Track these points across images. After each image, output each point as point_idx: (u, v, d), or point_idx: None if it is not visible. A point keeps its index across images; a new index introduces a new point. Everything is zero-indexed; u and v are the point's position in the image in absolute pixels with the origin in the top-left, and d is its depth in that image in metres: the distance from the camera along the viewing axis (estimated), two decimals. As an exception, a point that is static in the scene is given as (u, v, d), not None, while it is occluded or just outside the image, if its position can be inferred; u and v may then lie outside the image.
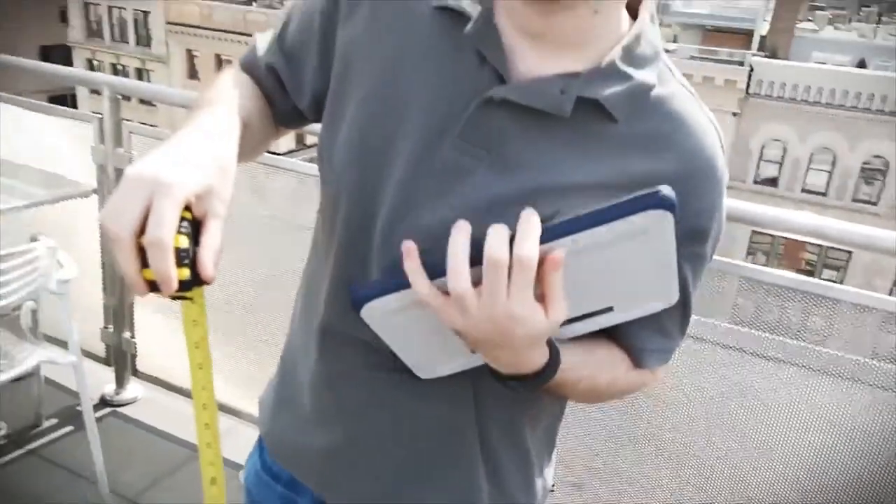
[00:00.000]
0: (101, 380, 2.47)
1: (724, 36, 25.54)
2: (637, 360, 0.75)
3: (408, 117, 0.68)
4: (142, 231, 0.54)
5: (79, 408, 2.36)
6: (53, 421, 2.33)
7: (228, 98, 0.72)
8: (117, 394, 2.48)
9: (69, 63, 25.92)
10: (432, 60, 0.68)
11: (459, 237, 0.57)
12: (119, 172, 2.32)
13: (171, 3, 27.17)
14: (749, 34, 25.01)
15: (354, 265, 0.73)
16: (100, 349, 2.49)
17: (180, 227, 0.54)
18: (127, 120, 2.33)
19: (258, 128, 0.77)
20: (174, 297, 0.57)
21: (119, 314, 2.48)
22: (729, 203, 0.75)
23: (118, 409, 2.42)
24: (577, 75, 0.65)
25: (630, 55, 0.66)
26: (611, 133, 0.66)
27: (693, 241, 0.69)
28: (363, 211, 0.70)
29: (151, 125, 2.72)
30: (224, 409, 2.25)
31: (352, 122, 0.71)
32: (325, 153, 0.75)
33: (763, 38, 25.08)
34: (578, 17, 0.65)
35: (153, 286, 0.55)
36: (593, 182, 0.66)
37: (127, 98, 2.41)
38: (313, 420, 0.83)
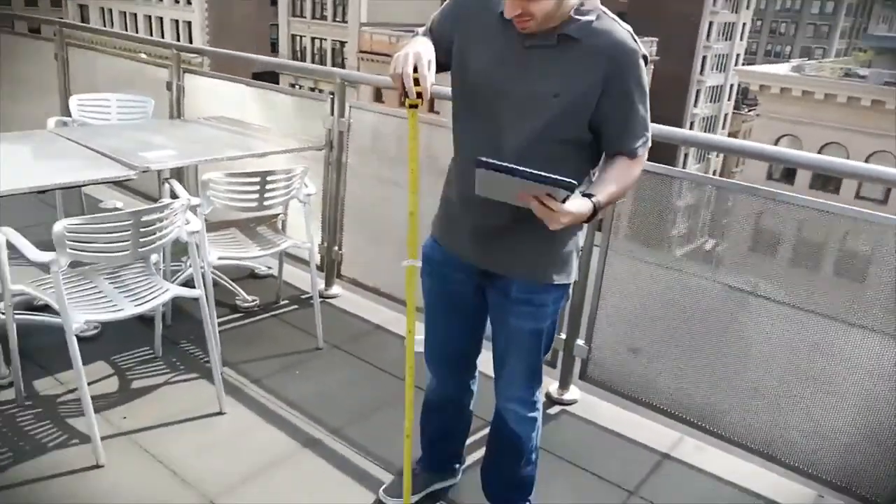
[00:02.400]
0: (317, 281, 3.53)
1: (926, 59, 23.59)
2: (633, 155, 1.62)
3: (491, 58, 1.60)
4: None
5: (303, 296, 3.47)
6: (287, 301, 3.44)
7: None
8: (327, 290, 3.56)
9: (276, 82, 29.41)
10: (500, 35, 1.59)
11: None
12: (340, 135, 3.38)
13: (363, 34, 30.11)
14: (957, 57, 22.91)
15: (488, 126, 1.62)
16: (317, 260, 3.56)
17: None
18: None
19: None
20: (412, 105, 1.51)
21: (331, 235, 3.55)
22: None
23: (327, 300, 3.48)
24: (556, 27, 1.53)
25: (578, 11, 1.55)
26: (580, 47, 1.54)
27: (624, 88, 1.55)
28: (491, 99, 1.61)
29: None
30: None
31: (474, 64, 1.63)
32: (460, 79, 1.67)
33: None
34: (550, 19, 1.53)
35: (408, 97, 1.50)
36: (575, 77, 1.54)
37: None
38: (460, 214, 1.72)
